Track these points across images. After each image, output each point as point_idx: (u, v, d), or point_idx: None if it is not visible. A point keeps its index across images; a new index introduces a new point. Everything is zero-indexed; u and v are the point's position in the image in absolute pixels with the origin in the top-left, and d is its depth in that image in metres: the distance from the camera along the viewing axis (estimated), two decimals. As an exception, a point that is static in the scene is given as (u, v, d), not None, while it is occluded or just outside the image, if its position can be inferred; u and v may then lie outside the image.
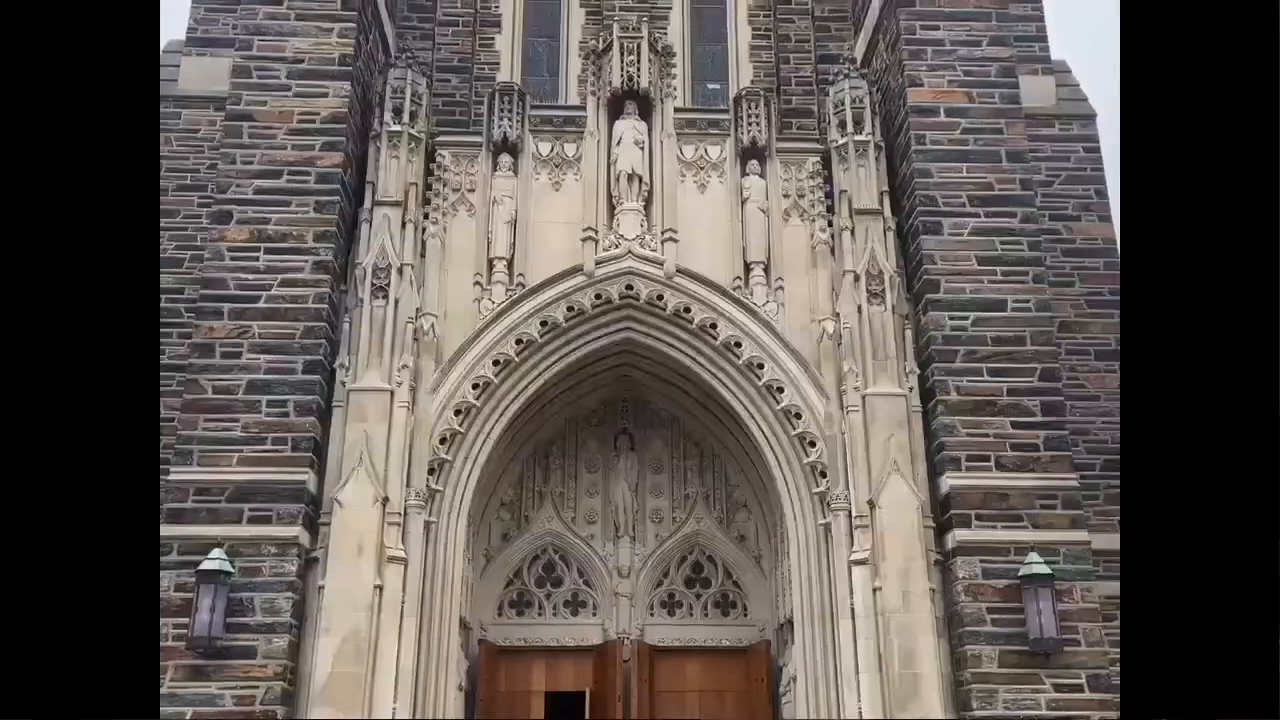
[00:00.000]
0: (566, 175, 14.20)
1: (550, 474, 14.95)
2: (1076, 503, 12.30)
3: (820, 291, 13.59)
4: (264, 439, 12.05)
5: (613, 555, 14.54)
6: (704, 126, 14.55)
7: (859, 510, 12.32)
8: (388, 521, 12.04)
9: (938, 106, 13.86)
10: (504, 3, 17.75)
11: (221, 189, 13.20)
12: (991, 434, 12.45)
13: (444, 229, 13.74)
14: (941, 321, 12.95)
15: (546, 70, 17.64)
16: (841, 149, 14.09)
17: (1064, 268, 14.81)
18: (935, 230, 13.32)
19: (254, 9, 13.98)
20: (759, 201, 14.04)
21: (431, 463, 12.61)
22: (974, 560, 11.96)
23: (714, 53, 17.85)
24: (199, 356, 12.40)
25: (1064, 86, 16.15)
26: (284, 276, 12.71)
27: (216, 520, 11.69)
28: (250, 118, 13.44)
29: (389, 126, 13.88)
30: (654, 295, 13.46)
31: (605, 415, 15.19)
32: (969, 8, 14.36)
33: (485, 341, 13.16)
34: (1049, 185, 15.24)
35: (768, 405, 13.17)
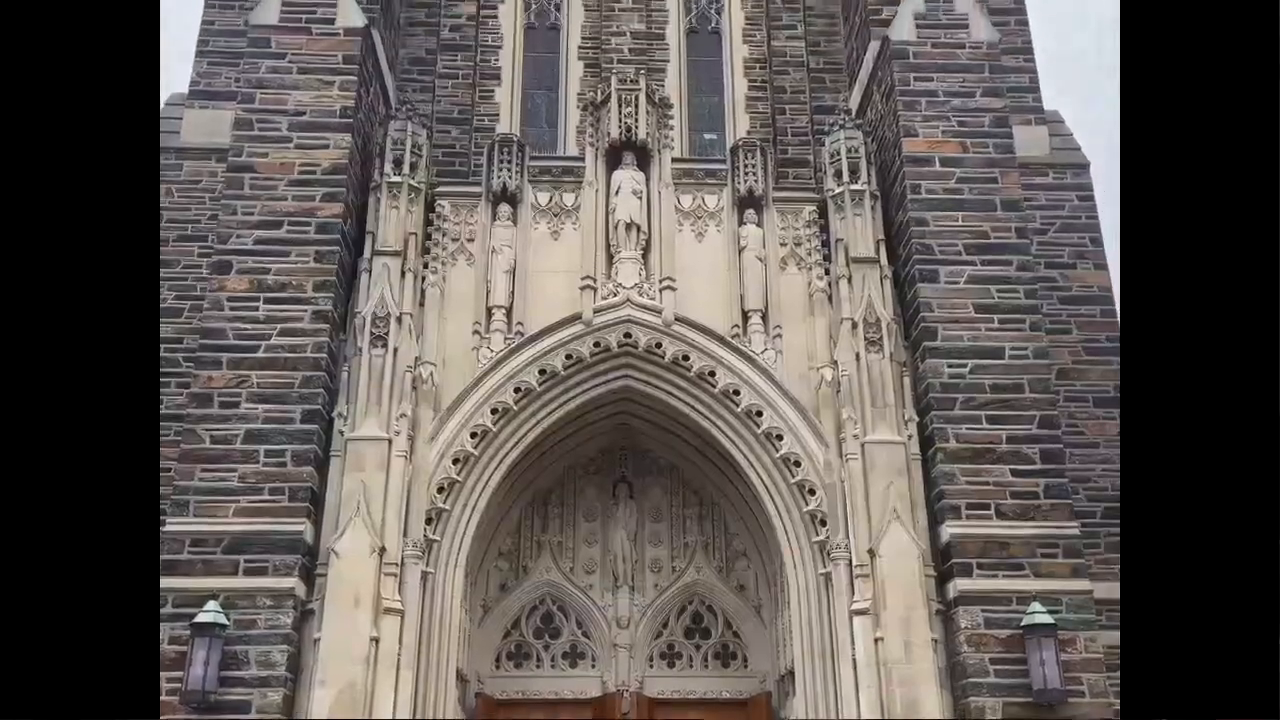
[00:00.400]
0: (565, 224, 14.31)
1: (549, 523, 14.86)
2: (1078, 551, 12.23)
3: (818, 339, 13.63)
4: (261, 489, 12.00)
5: (611, 606, 14.40)
6: (701, 176, 14.71)
7: (859, 559, 12.24)
8: (384, 572, 11.94)
9: (932, 156, 14.02)
10: (503, 56, 18.00)
11: (222, 239, 13.28)
12: (991, 482, 12.41)
13: (443, 278, 13.81)
14: (939, 369, 12.97)
15: (545, 122, 17.85)
16: (838, 198, 14.23)
17: (1060, 315, 14.88)
18: (932, 278, 13.40)
19: (256, 63, 14.18)
20: (756, 250, 14.14)
21: (429, 512, 12.54)
22: (975, 610, 11.86)
23: (711, 104, 18.08)
24: (197, 406, 12.39)
25: (1057, 136, 16.34)
26: (283, 326, 12.74)
27: (212, 572, 11.60)
28: (251, 169, 13.56)
29: (389, 177, 14.01)
30: (652, 343, 13.49)
31: (604, 463, 15.14)
32: (962, 60, 14.59)
33: (484, 390, 13.16)
34: (1044, 233, 15.36)
35: (767, 453, 13.14)
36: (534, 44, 18.34)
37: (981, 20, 14.99)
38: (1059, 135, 16.39)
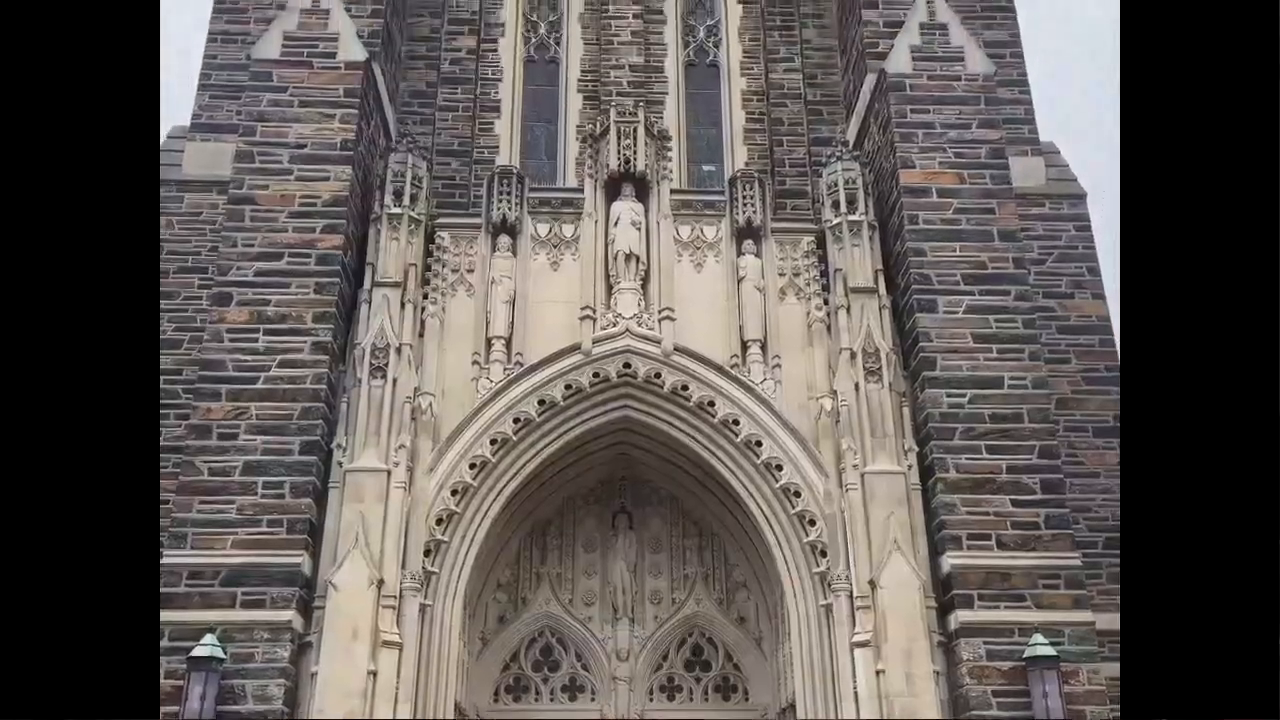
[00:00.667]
0: (564, 255, 14.37)
1: (548, 554, 14.79)
2: (1080, 582, 12.17)
3: (817, 369, 13.65)
4: (259, 521, 11.95)
5: (611, 638, 14.30)
6: (700, 207, 14.78)
7: (860, 590, 12.18)
8: (383, 605, 11.87)
9: (929, 187, 14.10)
10: (503, 89, 18.15)
11: (222, 271, 13.32)
12: (992, 512, 12.38)
13: (443, 309, 13.85)
14: (939, 399, 12.97)
15: (545, 153, 17.97)
16: (836, 229, 14.29)
17: (1059, 345, 14.91)
18: (930, 308, 13.43)
19: (258, 96, 14.29)
20: (755, 280, 14.19)
21: (428, 544, 12.49)
22: (977, 642, 11.78)
23: (709, 136, 18.21)
24: (195, 438, 12.37)
25: (1053, 167, 16.45)
26: (283, 357, 12.75)
27: (209, 604, 11.53)
28: (252, 201, 13.63)
29: (389, 209, 14.08)
30: (652, 373, 13.50)
31: (603, 494, 15.09)
32: (958, 92, 14.71)
33: (483, 420, 13.15)
34: (1041, 263, 15.42)
35: (766, 483, 13.11)
36: (533, 77, 18.52)
37: (977, 53, 15.14)
38: (1055, 166, 16.50)
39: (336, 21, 14.75)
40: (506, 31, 18.59)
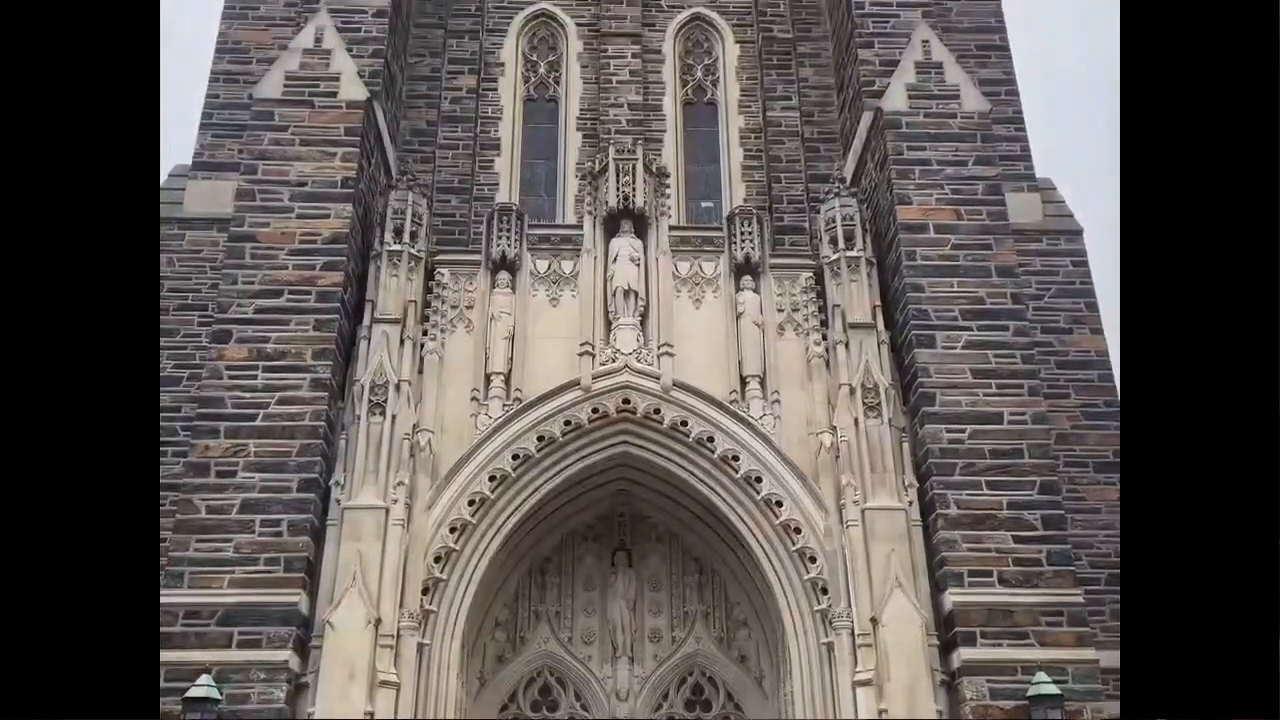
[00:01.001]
0: (564, 291, 14.41)
1: (546, 592, 14.68)
2: (1082, 619, 12.08)
3: (817, 405, 13.63)
4: (256, 559, 11.88)
5: (610, 678, 14.15)
6: (698, 243, 14.85)
7: (862, 628, 12.08)
8: (380, 644, 11.77)
9: (927, 223, 14.17)
10: (503, 127, 18.30)
11: (222, 308, 13.35)
12: (993, 548, 12.31)
13: (442, 345, 13.86)
14: (939, 434, 12.94)
15: (544, 191, 18.09)
16: (834, 265, 14.35)
17: (1058, 380, 14.93)
18: (929, 344, 13.44)
19: (259, 135, 14.40)
20: (754, 316, 14.22)
21: (426, 582, 12.40)
22: (980, 680, 11.67)
23: (707, 172, 18.34)
24: (193, 475, 12.33)
25: (1049, 203, 16.57)
26: (281, 394, 12.74)
27: (205, 644, 11.43)
28: (253, 238, 13.69)
29: (389, 246, 14.14)
30: (651, 409, 13.48)
31: (602, 530, 15.01)
32: (954, 129, 14.83)
33: (482, 457, 13.11)
34: (1039, 299, 15.49)
35: (766, 519, 13.05)
36: (533, 116, 18.69)
37: (972, 91, 15.28)
38: (1051, 202, 16.62)
39: (338, 62, 14.91)
40: (506, 71, 18.79)
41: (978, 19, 17.95)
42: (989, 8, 18.16)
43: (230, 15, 17.56)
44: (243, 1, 17.62)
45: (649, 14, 19.14)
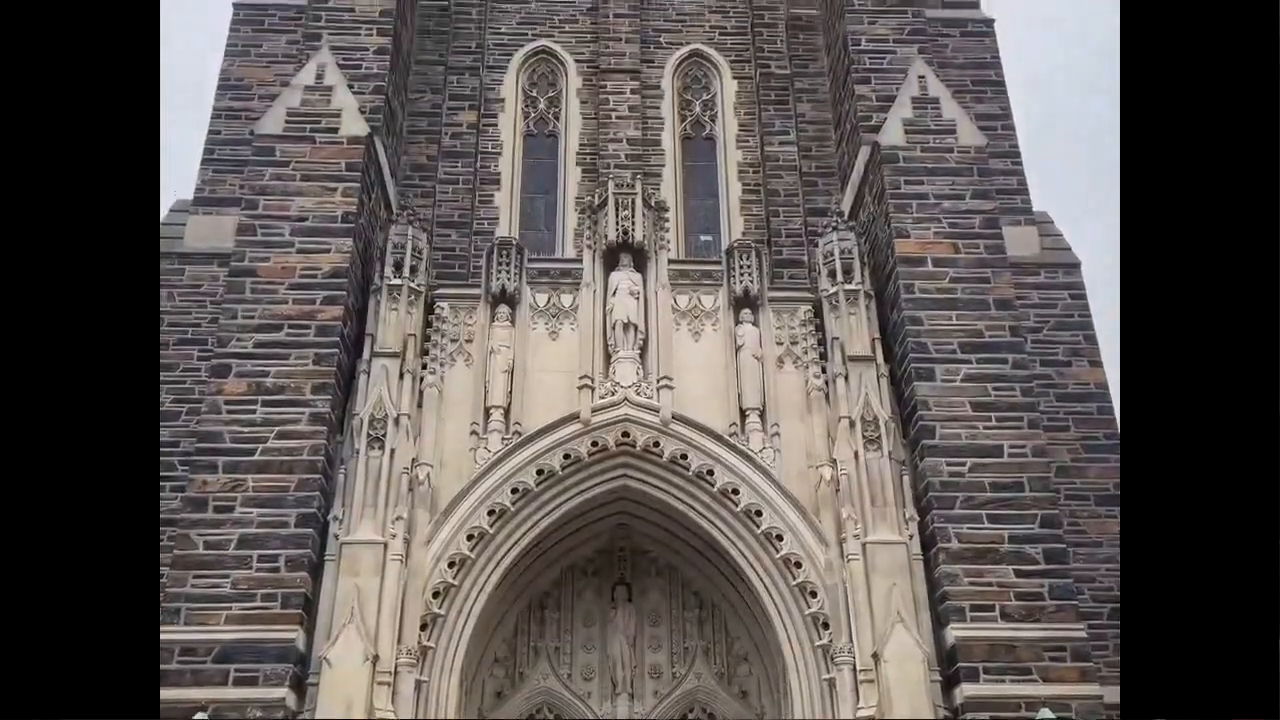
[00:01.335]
0: (563, 325, 14.43)
1: (545, 627, 14.56)
2: (1085, 654, 11.98)
3: (816, 438, 13.60)
4: (254, 595, 11.80)
5: (610, 715, 14.00)
6: (697, 277, 14.90)
7: (863, 663, 11.98)
8: (377, 681, 11.66)
9: (925, 257, 14.22)
10: (503, 162, 18.42)
11: (222, 343, 13.36)
12: (995, 582, 12.23)
13: (441, 379, 13.86)
14: (939, 468, 12.91)
15: (544, 225, 18.17)
16: (833, 298, 14.38)
17: (1058, 413, 14.92)
18: (928, 376, 13.44)
19: (261, 170, 14.49)
20: (753, 349, 14.23)
21: (424, 617, 12.31)
22: (984, 716, 11.56)
23: (706, 206, 18.44)
24: (191, 511, 12.27)
25: (1047, 236, 16.64)
26: (280, 429, 12.71)
27: (201, 682, 11.32)
28: (253, 273, 13.73)
29: (389, 280, 14.18)
30: (650, 442, 13.45)
31: (602, 565, 14.92)
32: (951, 163, 14.93)
33: (481, 491, 13.06)
34: (1038, 331, 15.51)
35: (767, 553, 12.98)
36: (533, 150, 18.83)
37: (969, 125, 15.40)
38: (1049, 235, 16.70)
39: (339, 98, 15.04)
40: (506, 107, 18.95)
41: (973, 55, 18.16)
42: (984, 44, 18.38)
43: (233, 53, 17.74)
44: (245, 39, 17.81)
45: (648, 50, 19.34)
